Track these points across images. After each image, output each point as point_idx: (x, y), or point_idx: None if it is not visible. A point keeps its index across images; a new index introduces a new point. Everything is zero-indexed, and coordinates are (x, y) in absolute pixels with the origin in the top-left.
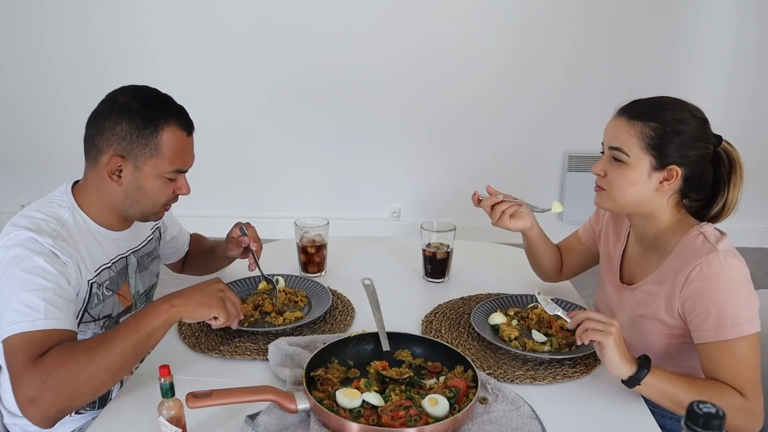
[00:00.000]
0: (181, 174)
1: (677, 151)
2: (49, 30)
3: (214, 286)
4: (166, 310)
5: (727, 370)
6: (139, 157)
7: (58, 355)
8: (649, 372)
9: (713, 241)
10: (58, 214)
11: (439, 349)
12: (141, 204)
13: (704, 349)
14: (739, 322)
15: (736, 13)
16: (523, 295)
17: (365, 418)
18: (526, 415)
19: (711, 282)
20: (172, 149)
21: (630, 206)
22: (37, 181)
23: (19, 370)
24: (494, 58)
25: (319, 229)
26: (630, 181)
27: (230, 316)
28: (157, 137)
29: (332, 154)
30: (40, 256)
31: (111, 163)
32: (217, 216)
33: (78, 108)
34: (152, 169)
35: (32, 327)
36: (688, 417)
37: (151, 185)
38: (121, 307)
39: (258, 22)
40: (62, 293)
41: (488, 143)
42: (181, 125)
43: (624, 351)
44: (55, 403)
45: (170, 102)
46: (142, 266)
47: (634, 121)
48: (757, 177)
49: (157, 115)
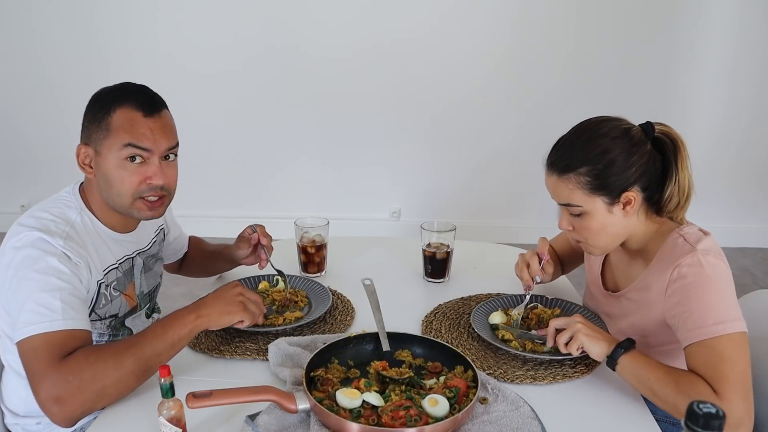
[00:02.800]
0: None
1: (620, 179)
2: (48, 30)
3: (233, 290)
4: (192, 321)
5: (704, 366)
6: (96, 140)
7: (85, 357)
8: (626, 352)
9: (693, 242)
10: (66, 215)
11: (439, 349)
12: (111, 195)
13: (689, 351)
14: (722, 320)
15: (736, 13)
16: (523, 295)
17: (365, 418)
18: (526, 415)
19: (691, 281)
20: (121, 127)
21: (612, 244)
22: (37, 182)
23: (42, 369)
24: (494, 58)
25: (319, 229)
26: (597, 227)
27: (254, 317)
28: (108, 118)
29: (333, 154)
30: (54, 256)
31: (81, 154)
32: (217, 216)
33: (78, 108)
34: (107, 151)
35: (51, 328)
36: (688, 417)
37: (112, 172)
38: (128, 307)
39: (258, 23)
40: (76, 293)
41: (488, 143)
42: (134, 105)
43: (596, 336)
44: (80, 404)
45: (129, 86)
46: (147, 267)
47: (565, 176)
48: (758, 177)
49: (112, 98)
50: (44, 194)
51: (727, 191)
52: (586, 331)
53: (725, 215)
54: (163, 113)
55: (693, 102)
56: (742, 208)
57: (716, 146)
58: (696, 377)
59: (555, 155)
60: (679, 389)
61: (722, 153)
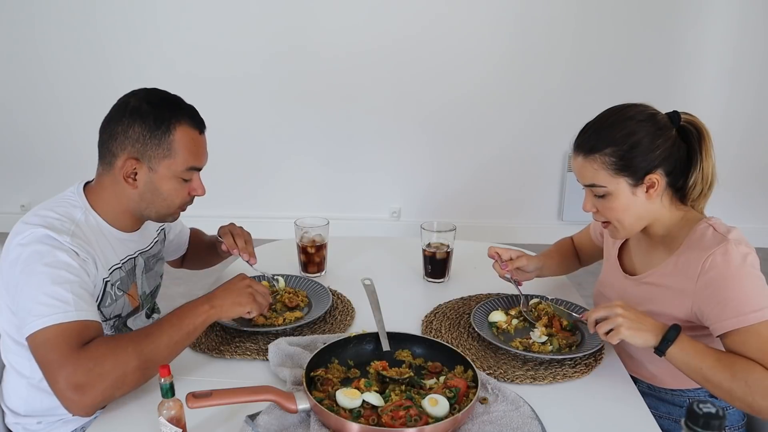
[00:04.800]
0: (196, 174)
1: (644, 161)
2: (49, 30)
3: (241, 282)
4: (206, 311)
5: (755, 350)
6: (153, 158)
7: (105, 345)
8: (673, 343)
9: (723, 232)
10: (71, 214)
11: (439, 349)
12: (156, 206)
13: (728, 339)
14: (761, 306)
15: (736, 14)
16: (523, 295)
17: (365, 418)
18: (526, 415)
19: (725, 271)
20: (185, 148)
21: (637, 226)
22: (37, 182)
23: (60, 359)
24: (494, 57)
25: (319, 229)
26: (621, 208)
27: (262, 308)
28: (169, 137)
29: (332, 154)
30: (62, 251)
31: (126, 167)
32: (217, 216)
33: (78, 109)
34: (166, 169)
35: (65, 318)
36: (688, 417)
37: (166, 187)
38: (130, 308)
39: (258, 24)
40: (86, 287)
41: (489, 143)
42: (192, 124)
43: (640, 326)
44: (101, 390)
45: (180, 102)
46: (148, 267)
47: (592, 156)
48: (758, 177)
49: (169, 115)
50: (44, 194)
51: (728, 191)
52: (629, 324)
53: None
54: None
55: (693, 102)
56: (742, 208)
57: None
58: (751, 362)
59: (582, 138)
60: (735, 376)
61: (722, 153)
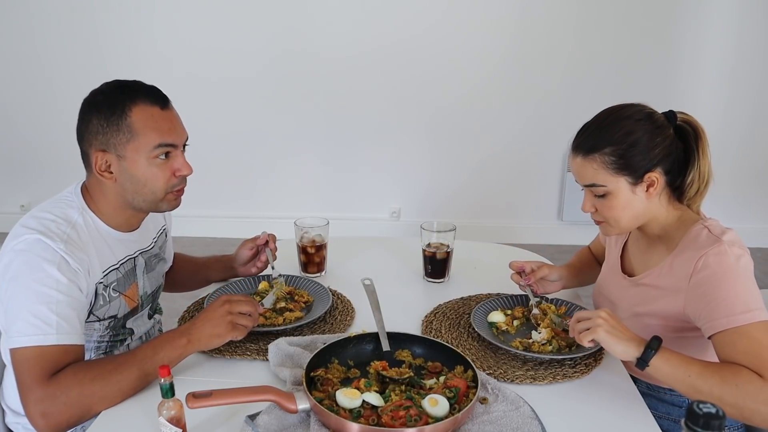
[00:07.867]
0: (175, 152)
1: (643, 159)
2: (49, 30)
3: (220, 309)
4: (183, 345)
5: (743, 353)
6: (118, 145)
7: (73, 375)
8: (656, 353)
9: (718, 234)
10: (68, 215)
11: (439, 349)
12: (141, 194)
13: (718, 339)
14: (750, 308)
15: (736, 14)
16: (523, 295)
17: (365, 418)
18: (526, 415)
19: (718, 271)
20: (147, 126)
21: (632, 224)
22: (37, 182)
23: (32, 383)
24: (494, 57)
25: (319, 229)
26: (620, 207)
27: (245, 331)
28: (126, 120)
29: (333, 154)
30: (52, 264)
31: (98, 162)
32: (217, 216)
33: (78, 109)
34: (134, 153)
35: (44, 341)
36: (688, 417)
37: (141, 171)
38: (127, 308)
39: (257, 24)
40: (74, 304)
41: (488, 143)
42: (149, 100)
43: (622, 336)
44: (66, 419)
45: (134, 84)
46: (149, 267)
47: (591, 156)
48: (758, 177)
49: (122, 98)
50: (44, 194)
51: (727, 191)
52: (608, 327)
53: (725, 215)
54: (170, 103)
55: (693, 102)
56: (742, 208)
57: (716, 146)
58: (737, 366)
59: (580, 138)
60: (724, 380)
61: (722, 153)
